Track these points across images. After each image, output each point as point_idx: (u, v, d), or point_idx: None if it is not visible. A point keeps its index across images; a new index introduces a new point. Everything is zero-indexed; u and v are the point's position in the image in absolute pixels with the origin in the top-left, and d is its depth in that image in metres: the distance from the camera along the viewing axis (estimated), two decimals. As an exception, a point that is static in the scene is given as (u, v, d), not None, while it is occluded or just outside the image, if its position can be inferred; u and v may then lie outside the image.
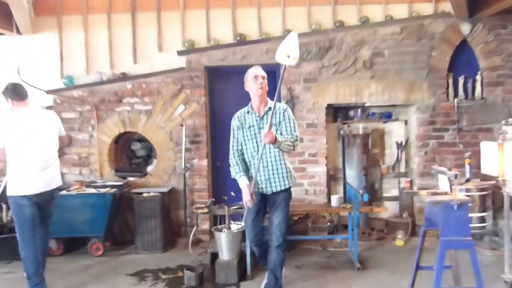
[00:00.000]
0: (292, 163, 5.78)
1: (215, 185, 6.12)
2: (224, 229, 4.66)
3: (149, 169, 6.18)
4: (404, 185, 6.02)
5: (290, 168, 3.97)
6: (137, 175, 6.06)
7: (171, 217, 5.89)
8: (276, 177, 3.86)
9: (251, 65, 5.59)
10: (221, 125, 5.88)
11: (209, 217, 5.82)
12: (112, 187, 5.57)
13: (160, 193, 5.56)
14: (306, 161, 5.90)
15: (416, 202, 5.91)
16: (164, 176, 6.00)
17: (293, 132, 3.84)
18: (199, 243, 5.79)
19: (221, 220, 5.10)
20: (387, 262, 4.95)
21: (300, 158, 5.88)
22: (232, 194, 5.34)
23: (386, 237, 5.82)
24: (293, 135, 3.80)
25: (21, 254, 4.15)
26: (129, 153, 6.40)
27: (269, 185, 3.87)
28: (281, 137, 3.68)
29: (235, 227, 4.69)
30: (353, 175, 6.08)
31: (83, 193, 5.41)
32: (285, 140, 3.69)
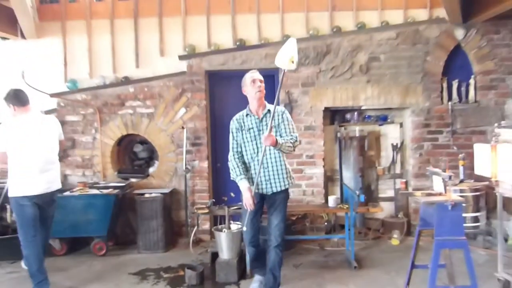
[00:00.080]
0: (290, 164, 5.75)
1: (215, 186, 6.12)
2: (224, 229, 4.66)
3: (151, 170, 6.18)
4: (399, 186, 5.99)
5: (289, 169, 3.98)
6: (139, 177, 6.06)
7: (172, 218, 5.88)
8: (276, 177, 3.86)
9: (251, 69, 5.64)
10: (221, 128, 5.87)
11: (210, 217, 5.81)
12: (114, 188, 5.57)
13: (161, 194, 5.55)
14: (304, 163, 5.90)
15: (411, 202, 5.91)
16: (165, 177, 5.99)
17: (292, 133, 3.84)
18: (199, 242, 5.78)
19: (221, 220, 5.10)
20: (383, 261, 4.95)
21: (298, 159, 5.87)
22: (232, 195, 5.33)
23: (382, 237, 5.82)
24: (292, 136, 3.80)
25: (23, 252, 4.15)
26: (131, 155, 6.40)
27: (269, 186, 3.87)
28: (281, 139, 3.68)
29: (235, 227, 4.69)
30: (349, 176, 6.08)
31: (87, 194, 5.40)
32: (285, 142, 3.69)
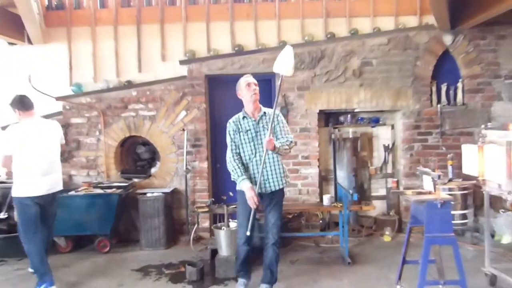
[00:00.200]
0: (286, 165, 5.75)
1: (214, 185, 6.11)
2: (223, 227, 4.66)
3: (153, 171, 6.18)
4: (391, 185, 6.04)
5: (285, 168, 4.00)
6: (141, 177, 6.06)
7: (173, 216, 5.87)
8: (274, 177, 3.87)
9: (249, 73, 5.70)
10: (221, 129, 5.83)
11: (209, 215, 5.80)
12: (118, 187, 5.57)
13: (163, 193, 5.55)
14: (299, 163, 5.91)
15: (402, 201, 5.92)
16: (167, 177, 5.99)
17: (287, 134, 3.89)
18: (199, 240, 5.77)
19: (220, 218, 5.11)
20: (375, 257, 4.96)
21: (294, 160, 5.88)
22: (230, 194, 5.33)
23: (374, 234, 5.83)
24: (288, 138, 3.86)
25: (24, 248, 4.19)
26: (134, 156, 6.39)
27: (268, 185, 3.87)
28: (278, 143, 3.75)
29: (234, 225, 4.69)
30: (343, 176, 6.09)
31: (91, 194, 5.40)
32: (282, 145, 3.77)
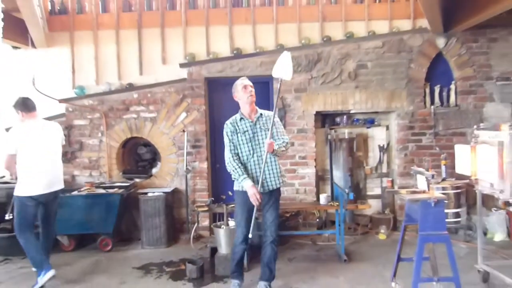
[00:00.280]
0: (284, 165, 5.85)
1: (214, 185, 6.11)
2: (222, 226, 4.66)
3: (154, 171, 6.17)
4: (386, 184, 6.03)
5: (281, 168, 4.01)
6: (143, 177, 6.05)
7: (174, 215, 5.86)
8: (272, 176, 3.88)
9: (247, 76, 5.66)
10: (220, 131, 5.74)
11: (209, 215, 5.80)
12: (120, 187, 5.56)
13: (164, 193, 5.54)
14: (297, 163, 5.91)
15: (397, 200, 5.92)
16: (167, 177, 5.99)
17: (283, 136, 3.92)
18: (199, 238, 5.76)
19: (220, 217, 5.11)
20: (371, 254, 4.96)
21: (291, 160, 5.88)
22: (230, 193, 5.34)
23: (370, 232, 5.83)
24: (284, 139, 3.88)
25: (21, 243, 4.22)
26: (135, 156, 6.38)
27: (266, 184, 3.87)
28: (276, 145, 3.78)
29: (233, 223, 4.68)
30: (339, 175, 6.09)
31: (93, 193, 5.39)
32: (280, 147, 3.80)
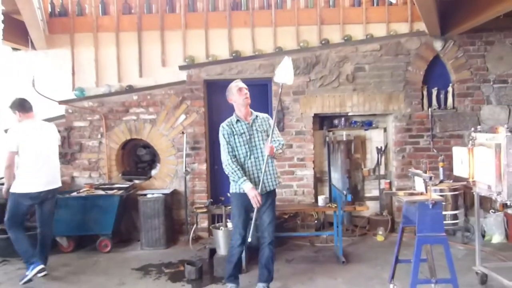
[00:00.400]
0: (282, 166, 5.83)
1: (213, 187, 6.08)
2: (221, 227, 4.65)
3: (153, 172, 6.14)
4: (383, 186, 6.01)
5: (277, 169, 4.01)
6: (142, 178, 6.03)
7: (173, 216, 5.83)
8: (269, 178, 3.86)
9: (246, 78, 5.68)
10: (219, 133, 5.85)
11: (208, 216, 5.76)
12: (119, 189, 5.54)
13: (163, 194, 5.52)
14: (295, 165, 5.88)
15: (394, 201, 5.90)
16: (166, 179, 5.96)
17: (278, 137, 3.92)
18: (198, 240, 5.73)
19: (219, 218, 5.08)
20: (369, 256, 4.94)
21: (289, 162, 5.86)
22: (228, 195, 5.29)
23: (368, 233, 5.80)
24: (280, 141, 3.89)
25: (12, 237, 4.30)
26: (135, 158, 6.35)
27: (263, 185, 3.84)
28: (275, 148, 3.78)
29: (231, 225, 4.65)
30: (337, 177, 6.05)
31: (93, 195, 5.37)
32: (277, 149, 3.81)
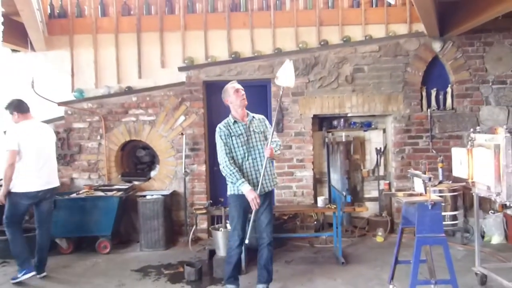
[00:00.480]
0: (281, 168, 5.83)
1: (212, 188, 6.07)
2: (220, 228, 4.64)
3: (153, 174, 6.12)
4: (383, 187, 5.99)
5: (274, 170, 4.02)
6: (141, 179, 6.01)
7: (172, 218, 5.81)
8: (267, 179, 3.85)
9: (246, 80, 5.69)
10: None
11: (207, 217, 5.75)
12: (118, 190, 5.52)
13: (162, 195, 5.51)
14: (294, 166, 5.87)
15: (394, 202, 5.88)
16: (166, 180, 5.94)
17: (276, 138, 3.92)
18: (198, 241, 5.71)
19: (218, 220, 5.06)
20: (368, 257, 4.92)
21: (289, 163, 5.85)
22: (227, 195, 5.29)
23: (367, 234, 5.79)
24: (277, 142, 3.91)
25: (9, 238, 4.33)
26: (134, 159, 6.33)
27: (262, 187, 3.82)
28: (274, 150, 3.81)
29: (230, 226, 4.64)
30: (337, 178, 6.04)
31: (92, 196, 5.35)
32: (275, 151, 3.83)
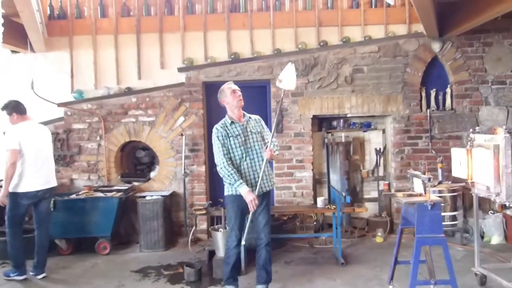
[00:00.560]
0: (281, 168, 5.83)
1: (212, 189, 6.06)
2: (220, 229, 4.63)
3: (152, 174, 6.12)
4: (382, 187, 5.99)
5: (271, 171, 4.03)
6: (141, 180, 6.00)
7: (172, 218, 5.81)
8: (265, 179, 3.84)
9: (245, 80, 5.69)
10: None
11: (207, 218, 5.75)
12: (118, 191, 5.51)
13: (162, 196, 5.50)
14: (294, 167, 5.87)
15: (393, 203, 5.87)
16: (165, 181, 5.93)
17: (273, 139, 3.91)
18: (197, 241, 5.70)
19: (218, 220, 5.06)
20: (368, 257, 4.92)
21: (288, 164, 5.85)
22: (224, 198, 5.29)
23: (367, 235, 5.78)
24: (274, 143, 3.92)
25: (8, 240, 4.36)
26: (134, 160, 6.33)
27: (260, 187, 3.82)
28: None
29: (228, 227, 4.63)
30: (336, 179, 6.04)
31: (92, 197, 5.35)
32: (275, 152, 3.86)
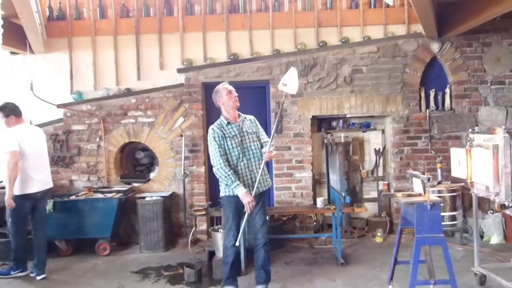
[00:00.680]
0: (280, 169, 5.84)
1: (211, 189, 6.04)
2: (220, 230, 4.63)
3: (152, 175, 6.11)
4: (382, 187, 6.00)
5: (267, 171, 4.03)
6: (140, 181, 6.00)
7: (172, 219, 5.81)
8: (260, 179, 3.84)
9: (244, 81, 5.69)
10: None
11: (207, 218, 5.75)
12: (118, 192, 5.51)
13: (161, 197, 5.50)
14: (293, 167, 5.87)
15: (393, 203, 5.88)
16: (165, 181, 5.94)
17: (267, 138, 3.96)
18: (197, 242, 5.70)
19: (217, 221, 5.06)
20: (368, 257, 4.92)
21: (288, 164, 5.85)
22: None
23: (366, 235, 5.79)
24: (272, 144, 3.92)
25: (13, 241, 4.44)
26: (133, 161, 6.33)
27: (256, 187, 3.82)
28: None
29: (225, 227, 4.64)
30: (336, 179, 6.04)
31: (91, 198, 5.35)
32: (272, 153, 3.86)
